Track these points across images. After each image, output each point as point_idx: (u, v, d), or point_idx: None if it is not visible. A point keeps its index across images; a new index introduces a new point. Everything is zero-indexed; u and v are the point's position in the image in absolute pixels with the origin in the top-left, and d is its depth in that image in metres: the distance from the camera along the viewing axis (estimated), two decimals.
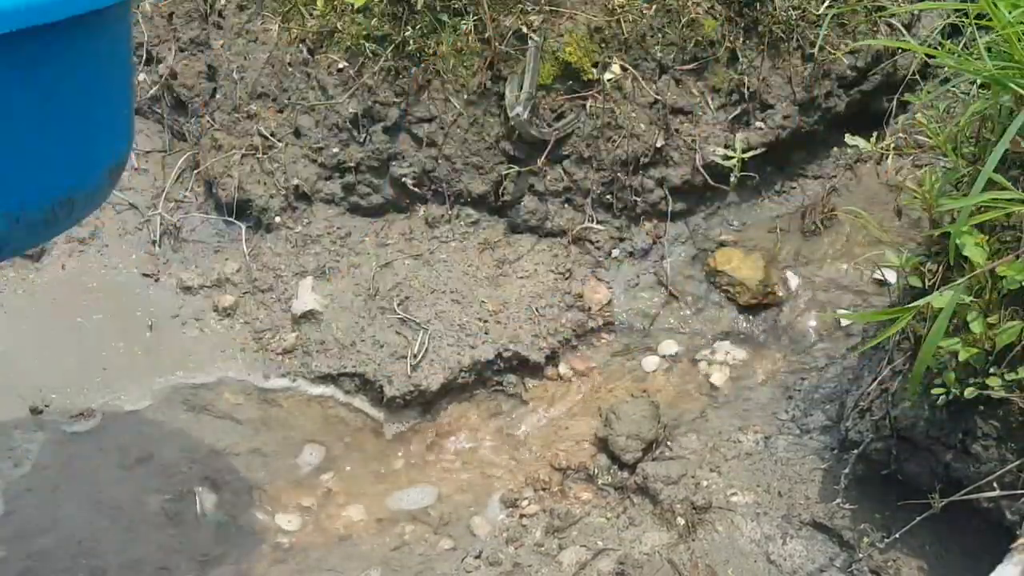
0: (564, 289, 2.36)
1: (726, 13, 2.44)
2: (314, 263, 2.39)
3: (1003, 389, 1.60)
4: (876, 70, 2.56)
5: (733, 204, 2.55)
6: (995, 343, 1.57)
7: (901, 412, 1.80)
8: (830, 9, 2.45)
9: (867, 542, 1.83)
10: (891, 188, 2.53)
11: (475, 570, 1.90)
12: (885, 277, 2.32)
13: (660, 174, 2.45)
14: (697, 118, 2.45)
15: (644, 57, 2.41)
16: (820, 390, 2.12)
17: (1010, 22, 1.58)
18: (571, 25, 2.36)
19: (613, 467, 2.08)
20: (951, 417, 1.72)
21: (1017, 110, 1.62)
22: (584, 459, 2.11)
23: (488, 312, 2.29)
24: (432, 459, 2.12)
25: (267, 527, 1.95)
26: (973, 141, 1.80)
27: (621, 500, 2.04)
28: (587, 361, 2.30)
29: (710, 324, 2.38)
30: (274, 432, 2.16)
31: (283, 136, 2.48)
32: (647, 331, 2.37)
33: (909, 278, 1.79)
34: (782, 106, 2.49)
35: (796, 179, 2.61)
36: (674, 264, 2.46)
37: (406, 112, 2.41)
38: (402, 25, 2.36)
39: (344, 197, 2.48)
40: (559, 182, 2.42)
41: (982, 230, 1.65)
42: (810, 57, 2.49)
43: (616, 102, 2.39)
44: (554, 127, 2.38)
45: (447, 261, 2.37)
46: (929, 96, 2.19)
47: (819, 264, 2.43)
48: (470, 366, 2.22)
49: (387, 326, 2.24)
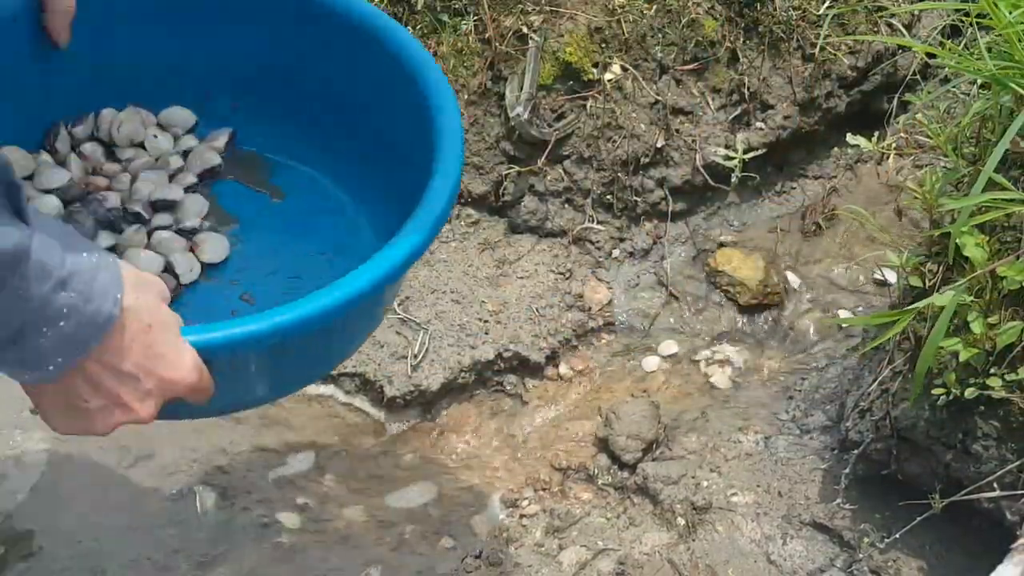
0: (564, 289, 2.36)
1: (726, 13, 2.44)
2: None
3: (1003, 389, 1.60)
4: (876, 70, 2.56)
5: (733, 204, 2.55)
6: (996, 343, 1.57)
7: (901, 412, 1.80)
8: (830, 9, 2.45)
9: (867, 542, 1.83)
10: (892, 188, 2.53)
11: (475, 570, 1.90)
12: (885, 277, 2.32)
13: (660, 174, 2.45)
14: (697, 118, 2.45)
15: (644, 57, 2.41)
16: (820, 390, 2.12)
17: (1011, 22, 1.58)
18: (571, 25, 2.36)
19: (613, 467, 2.08)
20: (951, 417, 1.72)
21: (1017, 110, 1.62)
22: (584, 459, 2.11)
23: (488, 312, 2.29)
24: (432, 459, 2.12)
25: (268, 527, 1.95)
26: (974, 141, 1.80)
27: (621, 500, 2.04)
28: (587, 361, 2.30)
29: (710, 324, 2.38)
30: (275, 432, 2.16)
31: None
32: (647, 331, 2.37)
33: (909, 278, 1.79)
34: (782, 106, 2.50)
35: (796, 179, 2.62)
36: (674, 264, 2.46)
37: None
38: (402, 25, 2.36)
39: None
40: (559, 182, 2.42)
41: (983, 230, 1.65)
42: (810, 57, 2.49)
43: (616, 102, 2.39)
44: (554, 127, 2.38)
45: (447, 261, 2.37)
46: (930, 96, 2.19)
47: (819, 264, 2.44)
48: (470, 366, 2.22)
49: (387, 326, 2.24)
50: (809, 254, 2.46)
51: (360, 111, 1.53)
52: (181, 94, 1.56)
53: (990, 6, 1.58)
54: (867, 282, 2.39)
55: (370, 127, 1.52)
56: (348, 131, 1.54)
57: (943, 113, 2.10)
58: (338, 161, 1.55)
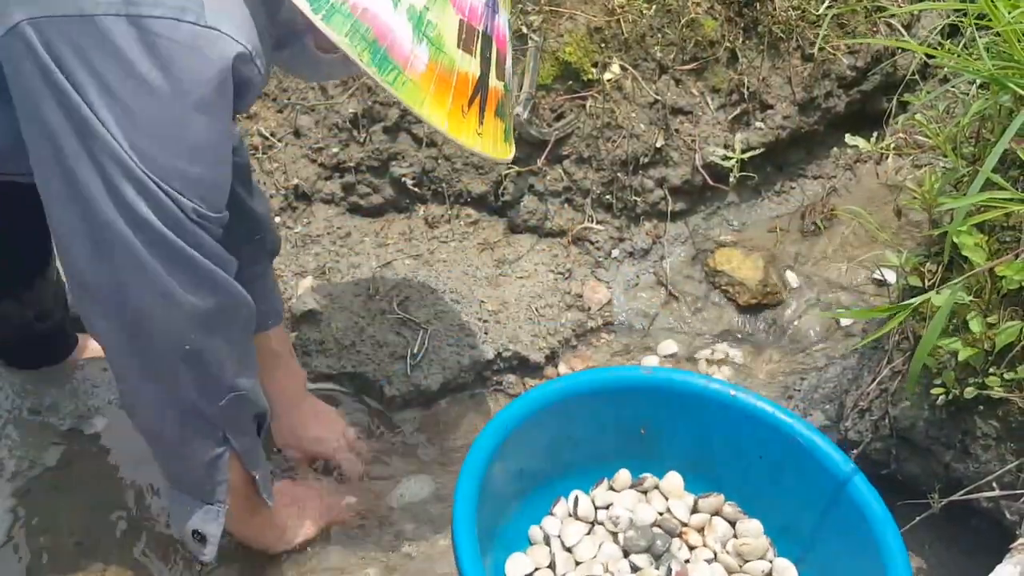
0: (564, 289, 2.36)
1: (726, 13, 2.44)
2: (314, 263, 2.39)
3: (1003, 389, 1.60)
4: (876, 70, 2.57)
5: (733, 204, 2.55)
6: (995, 343, 1.57)
7: (900, 412, 1.80)
8: (830, 9, 2.45)
9: None
10: (891, 188, 2.53)
11: None
12: (885, 277, 2.32)
13: (660, 174, 2.45)
14: (697, 118, 2.45)
15: (644, 57, 2.41)
16: (819, 390, 2.12)
17: (1009, 22, 1.58)
18: (571, 25, 2.36)
19: None
20: (950, 417, 1.72)
21: (1016, 110, 1.62)
22: None
23: (488, 312, 2.29)
24: (432, 459, 2.12)
25: None
26: (973, 141, 1.81)
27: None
28: (587, 361, 2.30)
29: (710, 324, 2.38)
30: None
31: (283, 136, 2.48)
32: (647, 331, 2.37)
33: (908, 278, 1.80)
34: (782, 106, 2.50)
35: (795, 179, 2.62)
36: (674, 264, 2.46)
37: (406, 112, 2.40)
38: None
39: (344, 197, 2.48)
40: (559, 182, 2.42)
41: (981, 230, 1.65)
42: (810, 57, 2.50)
43: (616, 102, 2.39)
44: (554, 127, 2.38)
45: (447, 261, 2.37)
46: (929, 96, 2.19)
47: (819, 264, 2.44)
48: (469, 366, 2.22)
49: (387, 326, 2.24)
50: (808, 254, 2.46)
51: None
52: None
53: (989, 6, 1.58)
54: (866, 282, 2.39)
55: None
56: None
57: (942, 113, 2.11)
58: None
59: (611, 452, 1.86)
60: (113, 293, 1.41)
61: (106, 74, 1.27)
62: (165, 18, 1.26)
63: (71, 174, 1.32)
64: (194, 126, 1.33)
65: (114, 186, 1.32)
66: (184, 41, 1.27)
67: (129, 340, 1.45)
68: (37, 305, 2.01)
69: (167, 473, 1.66)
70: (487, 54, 1.45)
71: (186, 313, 1.42)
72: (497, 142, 1.51)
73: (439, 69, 1.37)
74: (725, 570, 1.76)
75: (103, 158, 1.31)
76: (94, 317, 1.46)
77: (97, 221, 1.35)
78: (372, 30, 1.31)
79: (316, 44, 1.47)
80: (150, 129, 1.31)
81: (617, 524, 1.79)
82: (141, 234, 1.35)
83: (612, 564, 1.74)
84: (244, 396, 1.56)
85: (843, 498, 1.69)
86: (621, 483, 1.86)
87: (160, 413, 1.54)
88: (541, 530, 1.80)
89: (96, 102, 1.28)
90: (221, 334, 1.48)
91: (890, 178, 2.55)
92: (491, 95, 1.47)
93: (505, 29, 1.50)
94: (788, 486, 1.78)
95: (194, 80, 1.30)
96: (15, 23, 1.26)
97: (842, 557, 1.70)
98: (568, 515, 1.82)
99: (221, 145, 1.40)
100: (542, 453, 1.81)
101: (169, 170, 1.33)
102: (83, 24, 1.26)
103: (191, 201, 1.36)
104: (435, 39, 1.36)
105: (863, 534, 1.64)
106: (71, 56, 1.26)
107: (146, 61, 1.27)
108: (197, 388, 1.50)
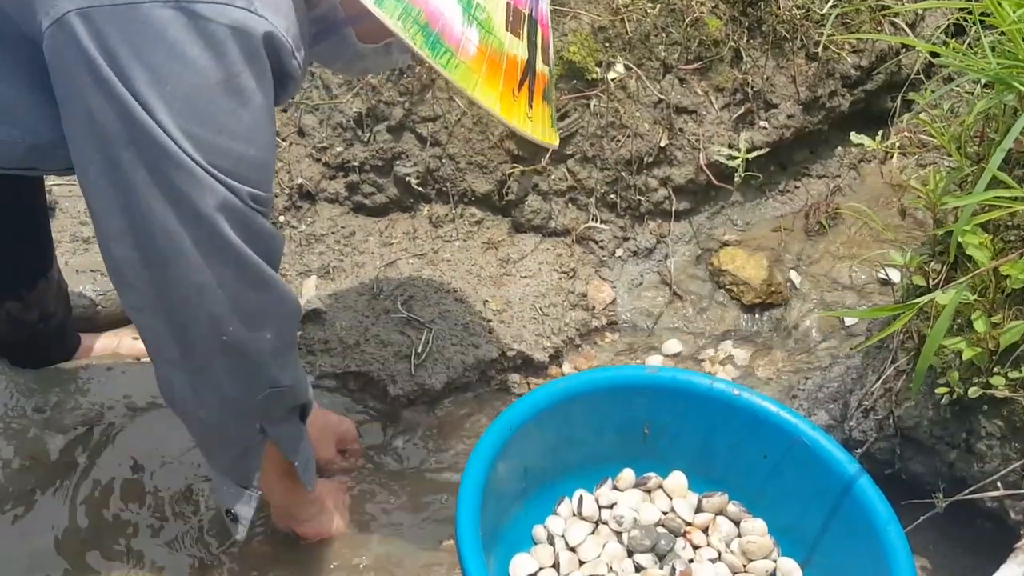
0: (568, 288, 2.36)
1: (730, 12, 2.44)
2: (318, 262, 2.39)
3: (1007, 388, 1.60)
4: (880, 69, 2.56)
5: (737, 203, 2.55)
6: (999, 342, 1.57)
7: (905, 411, 1.80)
8: (834, 8, 2.45)
9: None
10: (895, 187, 2.53)
11: None
12: (889, 276, 2.32)
13: (664, 173, 2.45)
14: (701, 117, 2.45)
15: (648, 56, 2.41)
16: (824, 389, 2.12)
17: (1014, 21, 1.58)
18: (575, 24, 2.36)
19: None
20: (955, 416, 1.72)
21: (1021, 109, 1.62)
22: None
23: (492, 311, 2.29)
24: (435, 458, 2.12)
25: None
26: (977, 140, 1.80)
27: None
28: (591, 360, 2.30)
29: (714, 323, 2.38)
30: None
31: (287, 135, 2.48)
32: (651, 330, 2.37)
33: (913, 277, 1.79)
34: (786, 105, 2.49)
35: (800, 178, 2.61)
36: (678, 263, 2.46)
37: (410, 111, 2.41)
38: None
39: (348, 196, 2.48)
40: (563, 181, 2.42)
41: (986, 229, 1.65)
42: (814, 56, 2.49)
43: (620, 101, 2.39)
44: (558, 126, 2.38)
45: (451, 260, 2.37)
46: (933, 95, 2.19)
47: (823, 263, 2.43)
48: (474, 365, 2.22)
49: (391, 325, 2.24)
50: (813, 253, 2.46)
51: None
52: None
53: (994, 5, 1.58)
54: (871, 281, 2.38)
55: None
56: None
57: (947, 112, 2.10)
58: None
59: (615, 451, 1.86)
60: (156, 286, 1.39)
61: (155, 61, 1.26)
62: (216, 3, 1.26)
63: (114, 166, 1.31)
64: (249, 106, 1.31)
65: (163, 177, 1.30)
66: (235, 24, 1.26)
67: (169, 330, 1.44)
68: (40, 306, 2.01)
69: (206, 455, 1.68)
70: (533, 38, 1.44)
71: (228, 306, 1.40)
72: (546, 127, 1.50)
73: (490, 52, 1.37)
74: (729, 570, 1.76)
75: (149, 148, 1.29)
76: (132, 304, 1.44)
77: (139, 212, 1.33)
78: (423, 13, 1.31)
79: (358, 35, 1.47)
80: (203, 114, 1.29)
81: (621, 523, 1.78)
82: (188, 228, 1.33)
83: (616, 563, 1.74)
84: (283, 392, 1.55)
85: (847, 498, 1.69)
86: (625, 482, 1.86)
87: (198, 402, 1.53)
88: (545, 529, 1.80)
89: (144, 91, 1.26)
90: (263, 328, 1.47)
91: (894, 177, 2.54)
92: (538, 79, 1.46)
93: (548, 13, 1.49)
94: (792, 485, 1.78)
95: (246, 62, 1.29)
96: (63, 14, 1.25)
97: (846, 556, 1.69)
98: (572, 514, 1.82)
99: (272, 126, 1.39)
100: (546, 453, 1.81)
101: (224, 153, 1.32)
102: (131, 11, 1.24)
103: (246, 185, 1.35)
104: (484, 22, 1.36)
105: (867, 533, 1.64)
106: (119, 45, 1.25)
107: (196, 45, 1.26)
108: (236, 381, 1.49)
